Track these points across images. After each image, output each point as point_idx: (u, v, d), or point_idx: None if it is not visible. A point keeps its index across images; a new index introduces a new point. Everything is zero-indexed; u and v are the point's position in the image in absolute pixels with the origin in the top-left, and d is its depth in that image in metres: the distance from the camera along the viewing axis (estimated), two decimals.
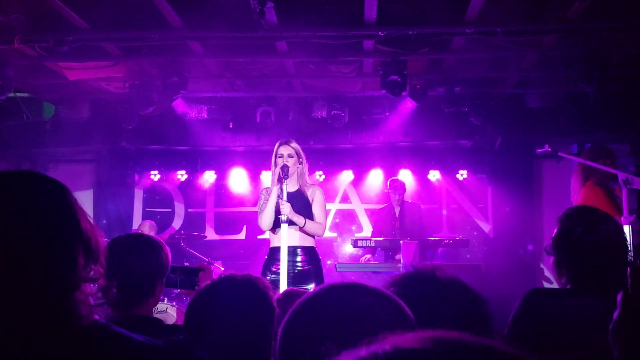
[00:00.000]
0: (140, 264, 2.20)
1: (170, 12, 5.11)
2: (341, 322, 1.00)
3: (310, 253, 4.45)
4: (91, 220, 1.27)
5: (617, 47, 5.97)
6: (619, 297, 1.39)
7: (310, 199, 4.47)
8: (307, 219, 4.38)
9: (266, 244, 4.83)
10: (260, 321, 1.79)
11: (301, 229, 4.39)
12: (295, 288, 2.49)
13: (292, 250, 4.36)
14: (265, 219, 4.38)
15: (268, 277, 4.39)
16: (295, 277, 4.31)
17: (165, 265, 2.30)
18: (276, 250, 4.43)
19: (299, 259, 4.38)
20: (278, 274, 4.32)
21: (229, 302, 1.77)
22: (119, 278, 2.10)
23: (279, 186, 4.31)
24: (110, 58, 6.14)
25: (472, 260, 8.07)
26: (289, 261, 4.29)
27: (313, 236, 4.51)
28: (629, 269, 1.44)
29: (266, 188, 4.65)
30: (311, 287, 4.35)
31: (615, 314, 1.39)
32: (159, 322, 2.29)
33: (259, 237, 8.14)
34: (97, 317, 1.21)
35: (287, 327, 1.04)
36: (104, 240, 1.32)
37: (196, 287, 2.40)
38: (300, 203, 4.39)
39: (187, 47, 5.89)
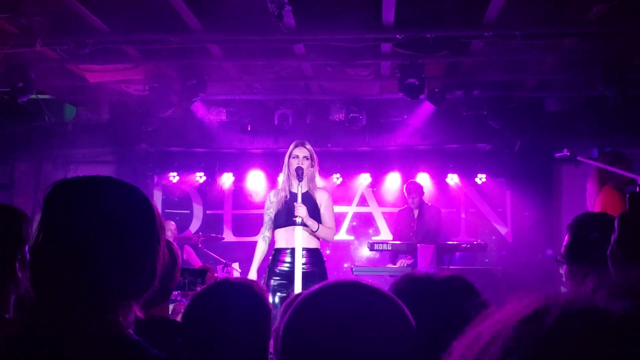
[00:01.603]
0: None
1: (190, 16, 5.15)
2: (341, 321, 1.00)
3: (315, 255, 4.45)
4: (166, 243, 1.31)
5: (637, 50, 5.89)
6: (617, 220, 1.41)
7: (318, 202, 4.48)
8: (319, 224, 4.40)
9: None
10: (257, 323, 1.81)
11: (312, 233, 4.41)
12: (303, 292, 2.50)
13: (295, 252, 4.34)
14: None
15: (272, 280, 4.40)
16: (301, 279, 4.31)
17: (179, 265, 2.33)
18: (281, 252, 4.44)
19: (303, 260, 4.37)
20: (282, 275, 4.34)
21: (226, 305, 1.79)
22: None
23: (291, 186, 4.33)
24: (130, 61, 6.21)
25: (491, 265, 8.01)
26: (292, 263, 4.30)
27: (319, 238, 4.52)
28: (627, 194, 1.46)
29: (274, 190, 4.66)
30: None
31: (613, 237, 1.40)
32: (177, 323, 2.32)
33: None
34: (130, 331, 1.22)
35: (288, 325, 1.05)
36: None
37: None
38: (309, 206, 4.40)
39: (206, 50, 5.94)
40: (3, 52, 5.56)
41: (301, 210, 4.20)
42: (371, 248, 6.54)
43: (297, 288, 3.95)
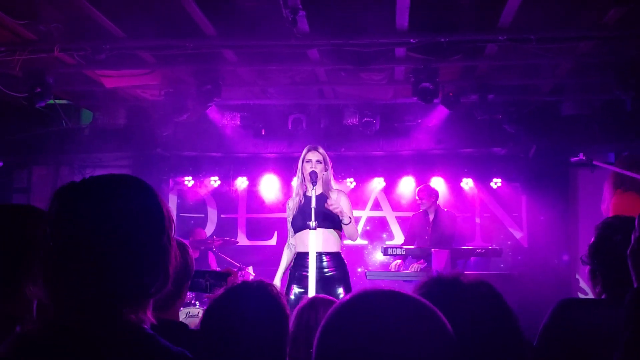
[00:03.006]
0: None
1: (205, 21, 5.19)
2: (379, 330, 0.98)
3: (336, 258, 4.47)
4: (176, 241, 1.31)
5: None
6: (638, 219, 1.40)
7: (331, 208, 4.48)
8: (352, 218, 4.42)
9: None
10: (274, 326, 1.82)
11: (333, 236, 4.42)
12: (320, 295, 2.51)
13: (318, 256, 4.36)
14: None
15: (294, 283, 4.41)
16: (322, 283, 4.32)
17: (191, 268, 2.34)
18: (302, 256, 4.45)
19: (325, 264, 4.40)
20: (304, 279, 4.35)
21: (244, 308, 1.79)
22: None
23: (305, 190, 4.35)
24: (146, 66, 6.26)
25: (506, 270, 7.96)
26: (315, 267, 4.31)
27: (339, 242, 4.53)
28: None
29: (291, 198, 4.71)
30: (339, 292, 4.35)
31: (634, 236, 1.39)
32: (185, 326, 2.33)
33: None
34: (146, 325, 1.23)
35: (325, 332, 1.02)
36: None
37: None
38: (324, 209, 4.41)
39: (221, 55, 5.98)
40: (21, 58, 5.63)
41: (334, 207, 4.23)
42: (385, 252, 6.52)
43: (311, 292, 3.96)
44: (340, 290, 4.37)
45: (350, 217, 4.41)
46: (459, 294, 1.37)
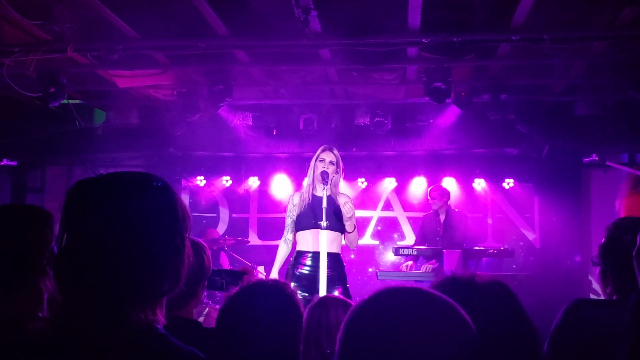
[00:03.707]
0: None
1: (217, 22, 5.21)
2: (401, 331, 0.98)
3: (335, 259, 4.47)
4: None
5: None
6: None
7: (341, 207, 4.49)
8: (355, 227, 4.43)
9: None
10: (289, 326, 1.82)
11: (337, 237, 4.43)
12: (330, 295, 2.52)
13: (317, 256, 4.37)
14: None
15: (292, 282, 4.42)
16: (319, 283, 4.32)
17: (207, 267, 2.35)
18: (302, 254, 4.46)
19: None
20: (302, 277, 4.36)
21: (259, 307, 1.80)
22: None
23: (314, 189, 4.36)
24: (159, 66, 6.29)
25: (518, 271, 7.92)
26: (313, 266, 4.34)
27: (340, 243, 4.54)
28: None
29: (296, 193, 4.69)
30: (335, 293, 4.35)
31: (639, 238, 1.39)
32: (198, 324, 2.34)
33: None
34: (159, 324, 1.23)
35: (347, 334, 1.03)
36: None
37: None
38: (332, 210, 4.42)
39: (233, 55, 6.00)
40: (35, 58, 5.68)
41: (349, 211, 4.26)
42: (396, 253, 6.51)
43: (322, 291, 3.96)
44: (337, 292, 4.37)
45: (354, 225, 4.42)
46: (473, 294, 1.37)
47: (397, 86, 6.91)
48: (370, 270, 8.14)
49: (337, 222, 4.43)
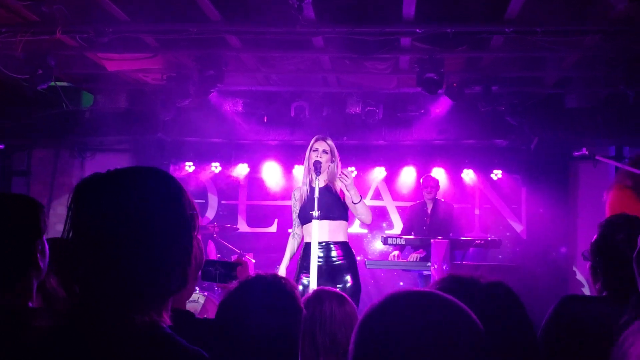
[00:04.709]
0: None
1: (209, 6, 5.15)
2: (416, 333, 0.99)
3: (344, 248, 4.47)
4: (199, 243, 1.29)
5: None
6: None
7: (340, 195, 4.48)
8: (362, 198, 4.39)
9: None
10: (288, 322, 1.81)
11: (347, 223, 4.42)
12: (326, 288, 2.51)
13: (325, 246, 4.38)
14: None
15: (303, 274, 4.42)
16: (330, 272, 4.34)
17: (200, 259, 2.32)
18: (310, 246, 4.45)
19: (333, 254, 4.40)
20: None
21: (258, 303, 1.79)
22: None
23: (311, 180, 4.34)
24: (149, 50, 6.22)
25: (504, 261, 7.99)
26: (323, 257, 4.32)
27: (346, 232, 4.53)
28: None
29: (297, 188, 4.70)
30: (346, 279, 4.36)
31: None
32: (191, 315, 2.32)
33: (289, 230, 8.19)
34: (164, 323, 1.21)
35: (360, 338, 1.03)
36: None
37: (234, 282, 2.44)
38: (330, 199, 4.41)
39: (225, 41, 5.94)
40: (23, 40, 5.59)
41: (348, 178, 4.21)
42: (384, 242, 6.53)
43: (313, 282, 3.96)
44: (348, 278, 4.38)
45: (359, 196, 4.37)
46: (476, 294, 1.37)
47: (390, 76, 6.90)
48: (358, 258, 8.12)
49: (338, 210, 4.42)
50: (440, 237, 6.23)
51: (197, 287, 6.27)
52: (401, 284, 8.26)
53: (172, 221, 1.22)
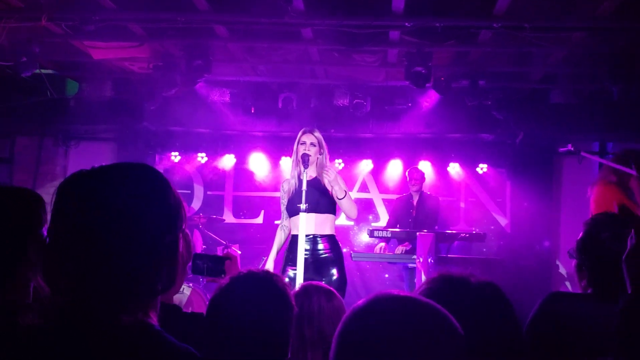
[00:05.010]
0: None
1: None
2: (394, 341, 1.00)
3: (330, 241, 4.47)
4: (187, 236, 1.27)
5: None
6: (632, 230, 1.42)
7: (328, 187, 4.48)
8: (347, 192, 4.38)
9: None
10: (279, 319, 1.81)
11: (335, 216, 4.43)
12: (313, 282, 2.52)
13: (312, 239, 4.38)
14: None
15: (289, 266, 4.42)
16: (316, 265, 4.33)
17: (189, 254, 2.31)
18: (297, 239, 4.45)
19: (320, 247, 4.40)
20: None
21: (250, 300, 1.79)
22: None
23: (300, 173, 4.34)
24: (136, 39, 6.17)
25: (488, 255, 8.05)
26: (310, 250, 4.33)
27: (333, 225, 4.53)
28: None
29: (286, 180, 4.69)
30: (332, 272, 4.37)
31: (630, 242, 1.42)
32: (178, 309, 2.32)
33: (276, 222, 8.18)
34: (152, 321, 1.20)
35: (341, 342, 1.05)
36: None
37: (222, 276, 2.43)
38: (318, 192, 4.41)
39: (213, 30, 5.90)
40: (7, 26, 5.51)
41: (331, 173, 4.20)
42: (371, 235, 6.54)
43: (299, 275, 3.97)
44: (334, 272, 4.38)
45: (345, 190, 4.38)
46: (466, 294, 1.39)
47: (378, 68, 6.90)
48: (344, 250, 8.15)
49: (325, 203, 4.42)
50: (425, 230, 6.26)
51: (191, 284, 6.26)
52: (386, 275, 8.31)
53: (158, 219, 1.19)
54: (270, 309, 1.78)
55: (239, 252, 6.91)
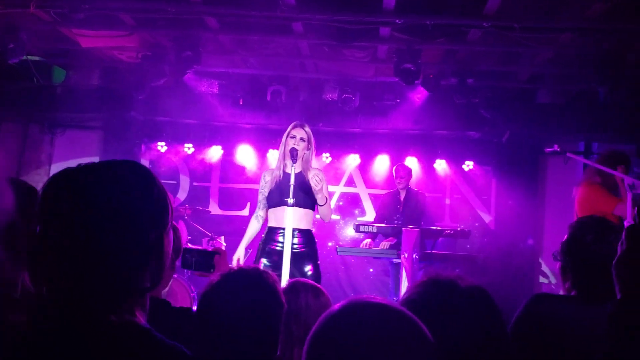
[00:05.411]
0: None
1: None
2: (364, 346, 1.02)
3: (306, 236, 4.48)
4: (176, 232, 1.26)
5: (632, 48, 5.94)
6: (625, 232, 1.44)
7: (313, 187, 4.49)
8: (328, 200, 4.43)
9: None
10: (270, 316, 1.83)
11: (307, 213, 4.45)
12: (301, 279, 2.53)
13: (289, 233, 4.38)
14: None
15: (263, 257, 4.44)
16: (292, 259, 4.33)
17: (177, 246, 2.32)
18: (274, 231, 4.47)
19: (295, 241, 4.39)
20: (274, 253, 4.38)
21: (240, 297, 1.80)
22: None
23: (285, 166, 4.35)
24: (125, 28, 6.12)
25: (472, 251, 8.11)
26: (284, 243, 4.33)
27: (312, 220, 4.56)
28: (637, 208, 1.50)
29: (269, 170, 4.69)
30: (307, 268, 4.39)
31: (620, 248, 1.43)
32: (167, 304, 2.32)
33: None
34: (140, 320, 1.20)
35: (313, 346, 1.07)
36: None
37: (211, 271, 2.43)
38: (302, 187, 4.42)
39: (203, 22, 5.87)
40: None
41: (318, 184, 4.23)
42: (357, 229, 6.56)
43: (285, 269, 3.98)
44: (309, 267, 4.41)
45: (326, 198, 4.43)
46: (454, 297, 1.41)
47: (367, 64, 6.91)
48: (330, 244, 8.21)
49: (306, 199, 4.43)
50: (411, 226, 6.30)
51: (176, 276, 6.24)
52: (371, 270, 8.36)
53: (145, 215, 1.19)
54: (261, 306, 1.80)
55: (224, 245, 6.90)
